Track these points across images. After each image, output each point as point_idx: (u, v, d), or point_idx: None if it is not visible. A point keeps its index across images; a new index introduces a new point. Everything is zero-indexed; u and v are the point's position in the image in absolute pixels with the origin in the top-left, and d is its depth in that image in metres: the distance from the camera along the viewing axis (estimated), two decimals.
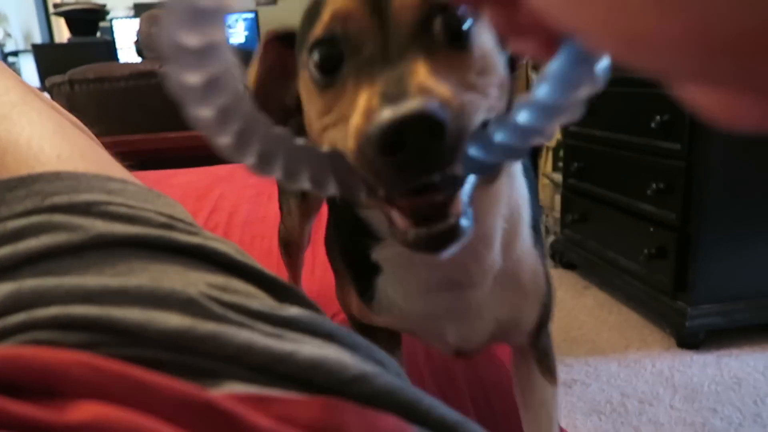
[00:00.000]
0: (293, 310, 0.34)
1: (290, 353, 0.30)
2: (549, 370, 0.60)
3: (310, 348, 0.31)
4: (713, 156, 1.64)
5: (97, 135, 0.58)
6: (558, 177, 2.45)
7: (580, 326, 1.93)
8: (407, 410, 0.31)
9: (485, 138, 0.28)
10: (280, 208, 0.84)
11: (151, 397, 0.26)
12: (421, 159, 0.28)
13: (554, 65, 0.23)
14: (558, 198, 2.45)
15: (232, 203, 1.32)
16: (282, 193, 0.84)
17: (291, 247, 0.85)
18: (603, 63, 0.22)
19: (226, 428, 0.25)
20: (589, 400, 1.54)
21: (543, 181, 2.64)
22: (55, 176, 0.36)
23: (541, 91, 0.24)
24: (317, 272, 1.00)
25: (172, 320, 0.30)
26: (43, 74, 3.05)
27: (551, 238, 2.54)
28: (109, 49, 3.47)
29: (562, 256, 2.43)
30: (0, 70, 0.43)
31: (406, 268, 0.48)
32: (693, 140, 1.64)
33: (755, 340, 1.77)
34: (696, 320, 1.72)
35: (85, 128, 0.54)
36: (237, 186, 1.44)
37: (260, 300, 0.35)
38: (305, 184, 0.28)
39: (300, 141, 0.28)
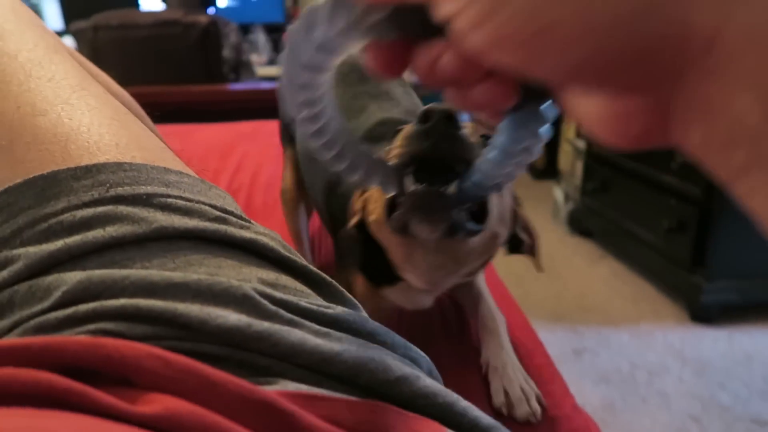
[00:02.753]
0: (339, 309, 0.36)
1: (338, 353, 0.32)
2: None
3: (355, 349, 0.33)
4: None
5: (120, 84, 0.58)
6: (581, 143, 2.41)
7: (594, 295, 1.95)
8: (444, 412, 0.33)
9: (477, 168, 0.38)
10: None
11: (215, 392, 0.27)
12: (443, 139, 0.43)
13: (502, 125, 0.31)
14: (579, 165, 2.43)
15: (255, 162, 1.33)
16: (284, 150, 0.99)
17: (286, 195, 1.00)
18: (543, 127, 0.29)
19: (283, 427, 0.27)
20: (599, 369, 1.57)
21: (565, 147, 2.61)
22: (118, 167, 0.37)
23: (498, 141, 0.32)
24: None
25: (231, 317, 0.31)
26: (66, 17, 3.02)
27: (570, 206, 2.52)
28: None
29: (580, 223, 2.43)
30: (60, 52, 0.43)
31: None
32: None
33: None
34: (711, 295, 1.73)
35: (135, 103, 0.55)
36: (260, 144, 1.45)
37: (308, 297, 0.36)
38: (359, 175, 0.36)
39: (364, 146, 0.36)
